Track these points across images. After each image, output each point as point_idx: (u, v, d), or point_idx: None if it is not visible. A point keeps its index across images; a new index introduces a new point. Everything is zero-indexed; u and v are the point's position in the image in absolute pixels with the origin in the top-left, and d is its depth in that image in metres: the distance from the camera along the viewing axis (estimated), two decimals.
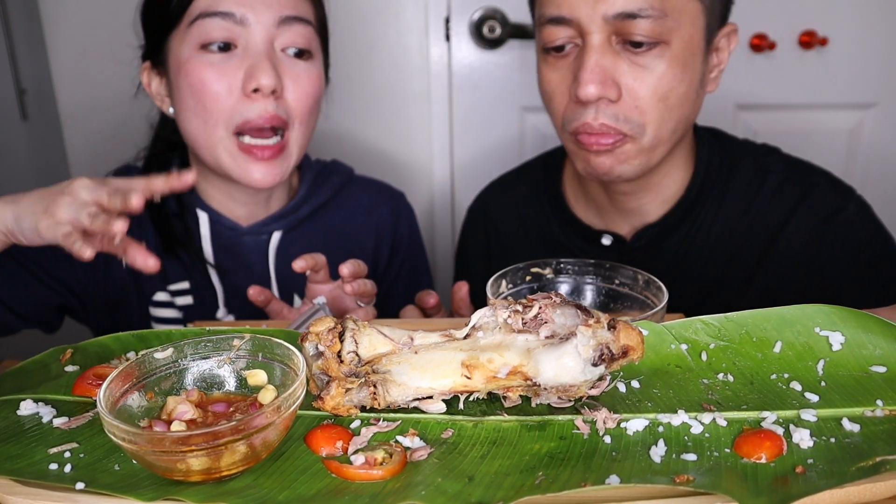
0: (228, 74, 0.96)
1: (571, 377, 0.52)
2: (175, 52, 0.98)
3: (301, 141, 1.03)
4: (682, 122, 0.94)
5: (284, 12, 0.97)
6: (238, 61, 0.96)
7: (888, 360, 0.57)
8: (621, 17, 0.85)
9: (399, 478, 0.48)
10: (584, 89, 0.88)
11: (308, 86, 1.00)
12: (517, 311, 0.56)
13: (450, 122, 1.88)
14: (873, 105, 1.78)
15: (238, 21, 0.95)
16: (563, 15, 0.88)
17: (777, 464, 0.48)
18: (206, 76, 0.96)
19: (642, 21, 0.85)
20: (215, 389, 0.56)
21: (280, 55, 0.98)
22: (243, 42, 0.96)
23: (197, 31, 0.96)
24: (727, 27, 0.96)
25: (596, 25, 0.86)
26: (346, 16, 1.79)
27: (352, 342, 0.56)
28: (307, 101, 1.00)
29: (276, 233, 1.10)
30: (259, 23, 0.96)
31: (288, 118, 0.99)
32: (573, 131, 0.93)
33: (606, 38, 0.87)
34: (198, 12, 0.95)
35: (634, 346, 0.52)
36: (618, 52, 0.88)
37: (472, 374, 0.54)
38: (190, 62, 0.96)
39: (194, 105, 0.98)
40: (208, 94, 0.96)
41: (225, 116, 0.97)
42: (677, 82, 0.89)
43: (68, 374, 0.62)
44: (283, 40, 0.98)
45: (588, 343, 0.52)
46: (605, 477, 0.46)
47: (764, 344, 0.59)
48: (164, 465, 0.46)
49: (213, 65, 0.96)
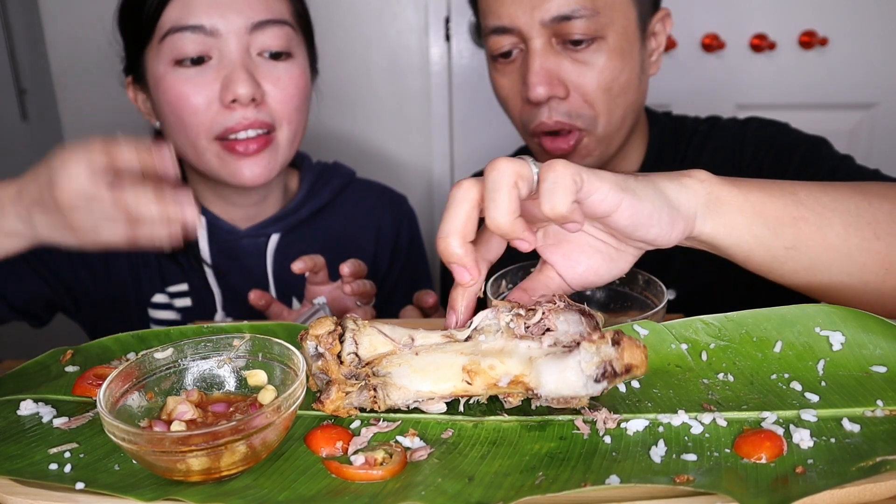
0: (205, 87, 0.94)
1: (573, 391, 0.52)
2: (151, 69, 0.97)
3: (290, 137, 1.02)
4: (630, 108, 1.00)
5: (256, 17, 0.95)
6: (214, 73, 0.95)
7: (888, 360, 0.57)
8: (557, 20, 0.91)
9: (399, 478, 0.48)
10: (533, 91, 0.94)
11: (290, 86, 0.99)
12: (520, 314, 0.56)
13: (450, 122, 1.88)
14: (873, 105, 1.78)
15: (209, 33, 0.93)
16: (504, 24, 0.94)
17: (777, 464, 0.48)
18: (182, 91, 0.94)
19: (577, 21, 0.91)
20: (215, 389, 0.56)
21: (257, 59, 0.97)
22: (217, 53, 0.94)
23: (169, 47, 0.94)
24: (661, 12, 1.02)
25: (535, 31, 0.92)
26: (346, 16, 1.79)
27: (352, 343, 0.56)
28: (291, 102, 0.99)
29: (275, 235, 1.10)
30: (231, 31, 0.94)
31: (272, 121, 0.98)
32: (532, 132, 1.00)
33: (547, 41, 0.93)
34: (167, 27, 0.94)
35: (638, 364, 0.52)
36: (559, 52, 0.94)
37: (473, 380, 0.53)
38: (166, 79, 0.95)
39: (174, 120, 0.97)
40: (187, 109, 0.95)
41: (205, 128, 0.96)
42: (618, 72, 0.96)
43: (68, 375, 0.62)
44: (258, 45, 0.96)
45: (591, 360, 0.51)
46: (605, 477, 0.46)
47: (764, 344, 0.59)
48: (164, 465, 0.46)
49: (189, 79, 0.94)
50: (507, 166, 0.52)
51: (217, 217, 1.08)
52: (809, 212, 0.61)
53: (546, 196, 0.52)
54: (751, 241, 0.61)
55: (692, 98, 1.76)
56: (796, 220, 0.60)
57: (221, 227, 1.08)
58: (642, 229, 0.56)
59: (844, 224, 0.61)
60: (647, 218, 0.56)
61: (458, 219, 0.54)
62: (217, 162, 0.98)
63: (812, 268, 0.62)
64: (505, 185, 0.52)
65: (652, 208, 0.56)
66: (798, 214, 0.60)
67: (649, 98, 1.08)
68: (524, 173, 0.53)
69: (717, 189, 0.59)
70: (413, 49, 1.83)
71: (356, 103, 1.87)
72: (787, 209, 0.60)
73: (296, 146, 1.05)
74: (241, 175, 0.98)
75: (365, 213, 1.19)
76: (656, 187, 0.57)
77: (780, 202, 0.60)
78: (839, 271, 0.62)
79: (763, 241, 0.61)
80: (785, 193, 0.61)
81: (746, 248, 0.61)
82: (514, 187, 0.52)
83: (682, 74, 1.78)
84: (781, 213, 0.60)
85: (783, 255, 0.61)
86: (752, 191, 0.60)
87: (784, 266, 0.62)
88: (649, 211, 0.56)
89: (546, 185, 0.52)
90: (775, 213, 0.60)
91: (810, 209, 0.61)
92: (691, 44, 1.78)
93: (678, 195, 0.58)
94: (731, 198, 0.59)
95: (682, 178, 0.59)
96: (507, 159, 0.53)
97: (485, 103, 1.79)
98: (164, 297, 1.08)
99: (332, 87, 1.12)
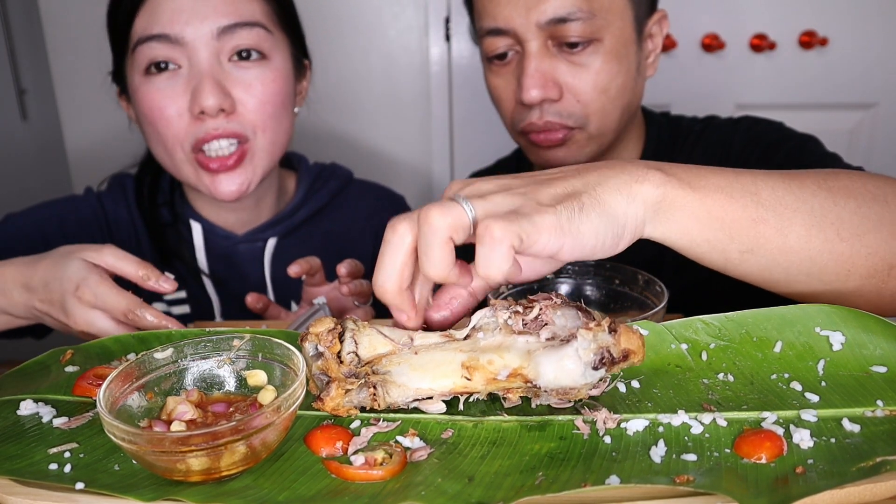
0: (176, 97, 0.93)
1: (571, 380, 0.52)
2: (130, 79, 0.97)
3: (268, 146, 0.99)
4: (626, 110, 1.00)
5: (222, 21, 0.93)
6: (184, 82, 0.93)
7: (888, 360, 0.57)
8: (553, 22, 0.91)
9: (399, 478, 0.48)
10: (527, 94, 0.94)
11: (263, 92, 0.96)
12: (518, 311, 0.56)
13: (450, 122, 1.88)
14: (873, 105, 1.78)
15: (175, 41, 0.92)
16: (499, 26, 0.94)
17: (777, 464, 0.48)
18: (154, 101, 0.94)
19: (573, 24, 0.91)
20: (215, 389, 0.56)
21: (228, 65, 0.94)
22: (186, 61, 0.93)
23: (139, 57, 0.93)
24: (657, 14, 1.02)
25: (531, 33, 0.92)
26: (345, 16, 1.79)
27: (351, 342, 0.56)
28: (264, 108, 0.96)
29: (272, 239, 1.09)
30: (197, 39, 0.92)
31: (244, 130, 0.96)
32: (521, 130, 1.00)
33: (543, 43, 0.93)
34: (136, 38, 0.93)
35: (635, 350, 0.52)
36: (555, 54, 0.94)
37: (472, 376, 0.54)
38: (140, 89, 0.95)
39: (151, 131, 0.97)
40: (161, 120, 0.94)
41: (179, 140, 0.95)
42: (614, 74, 0.95)
43: (68, 375, 0.62)
44: (228, 50, 0.94)
45: (588, 346, 0.52)
46: (605, 477, 0.46)
47: (764, 344, 0.59)
48: (164, 465, 0.46)
49: (160, 90, 0.93)
50: (439, 220, 0.51)
51: (213, 224, 1.08)
52: (770, 213, 0.59)
53: (481, 263, 0.51)
54: (703, 245, 0.59)
55: (692, 98, 1.76)
56: (755, 223, 0.58)
57: (218, 234, 1.08)
58: (584, 257, 0.56)
59: (806, 225, 0.59)
60: (589, 250, 0.55)
61: (393, 268, 0.54)
62: (193, 175, 0.97)
63: (769, 269, 0.61)
64: (438, 241, 0.51)
65: (595, 242, 0.55)
66: (757, 216, 0.58)
67: (649, 98, 1.08)
68: (460, 224, 0.52)
69: (671, 194, 0.57)
70: (413, 49, 1.83)
71: (355, 103, 1.87)
72: (747, 211, 0.58)
73: (277, 153, 1.02)
74: (218, 190, 0.97)
75: (362, 214, 1.19)
76: (602, 208, 0.55)
77: (740, 204, 0.58)
78: (798, 272, 0.61)
79: (716, 245, 0.59)
80: (746, 193, 0.59)
81: (699, 251, 0.60)
82: (447, 242, 0.52)
83: (681, 74, 1.78)
84: (740, 215, 0.58)
85: (738, 258, 0.60)
86: (710, 194, 0.58)
87: (738, 267, 0.61)
88: (591, 245, 0.55)
89: (482, 250, 0.51)
90: (733, 216, 0.58)
91: (771, 210, 0.59)
92: (691, 44, 1.78)
93: (626, 208, 0.56)
94: (685, 203, 0.57)
95: (632, 187, 0.57)
96: (440, 210, 0.51)
97: (485, 103, 1.79)
98: (162, 305, 1.07)
99: (331, 87, 1.12)
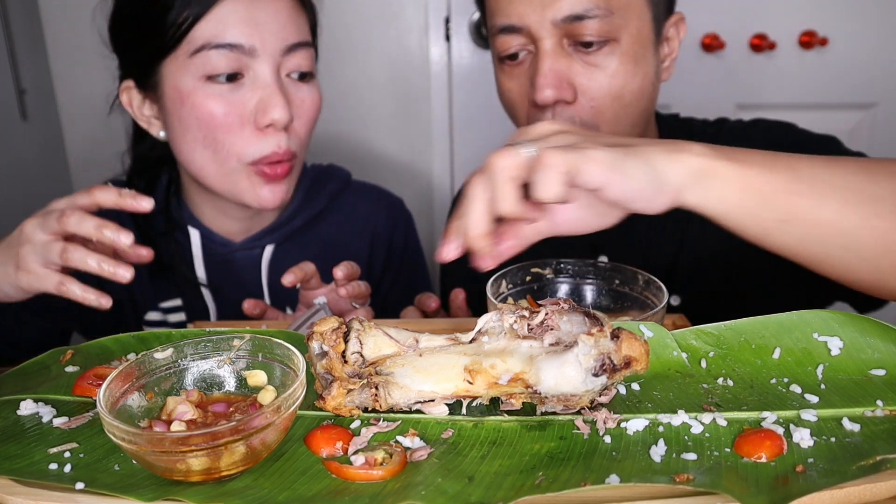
0: (238, 106, 0.93)
1: (572, 387, 0.52)
2: (172, 81, 0.94)
3: (303, 160, 1.04)
4: (640, 117, 0.97)
5: (291, 40, 0.94)
6: (248, 92, 0.93)
7: (887, 363, 0.57)
8: (569, 19, 0.88)
9: (399, 478, 0.48)
10: (541, 93, 0.91)
11: (311, 109, 0.99)
12: (523, 316, 0.56)
13: (450, 122, 1.88)
14: (873, 105, 1.78)
15: (246, 52, 0.91)
16: (513, 23, 0.91)
17: (777, 463, 0.48)
18: (215, 109, 0.92)
19: (590, 21, 0.88)
20: (215, 390, 0.56)
21: (286, 80, 0.96)
22: (251, 72, 0.93)
23: (201, 62, 0.91)
24: (674, 16, 0.99)
25: (546, 31, 0.89)
26: (345, 16, 1.79)
27: (356, 343, 0.56)
28: (309, 125, 1.00)
29: (269, 246, 1.08)
30: (267, 53, 0.92)
31: (296, 147, 0.98)
32: None
33: (558, 42, 0.90)
34: (201, 42, 0.91)
35: (637, 358, 0.51)
36: (570, 54, 0.91)
37: (475, 380, 0.53)
38: (196, 94, 0.92)
39: (203, 137, 0.94)
40: (219, 128, 0.93)
41: (237, 149, 0.94)
42: (630, 77, 0.92)
43: (68, 375, 0.62)
44: (288, 67, 0.95)
45: (589, 352, 0.51)
46: (605, 477, 0.46)
47: (763, 351, 0.60)
48: (164, 465, 0.46)
49: (221, 96, 0.92)
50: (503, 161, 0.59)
51: (211, 231, 1.07)
52: (806, 186, 0.61)
53: (538, 186, 0.58)
54: (740, 214, 0.62)
55: (692, 98, 1.76)
56: (791, 194, 0.61)
57: (216, 241, 1.07)
58: (626, 203, 0.61)
59: (842, 200, 0.61)
60: (631, 195, 0.60)
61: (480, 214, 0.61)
62: (246, 183, 0.97)
63: (805, 240, 0.62)
64: (504, 178, 0.59)
65: (638, 187, 0.59)
66: (794, 189, 0.61)
67: None
68: (523, 162, 0.59)
69: (712, 163, 0.60)
70: (413, 49, 1.83)
71: (355, 104, 1.87)
72: (784, 184, 0.61)
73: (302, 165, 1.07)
74: (264, 197, 0.97)
75: (360, 218, 1.18)
76: (648, 161, 0.60)
77: (779, 176, 0.61)
78: (834, 245, 0.62)
79: (753, 213, 0.61)
80: (785, 168, 0.61)
81: (736, 219, 0.62)
82: (513, 180, 0.59)
83: (682, 74, 1.77)
84: (777, 186, 0.61)
85: (774, 227, 0.62)
86: (750, 166, 0.61)
87: (776, 238, 0.63)
88: (635, 190, 0.59)
89: (539, 175, 0.58)
90: (771, 187, 0.61)
91: (807, 184, 0.61)
92: (691, 44, 1.78)
93: (668, 168, 0.60)
94: (725, 172, 0.61)
95: (676, 152, 0.61)
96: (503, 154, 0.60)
97: (485, 103, 1.79)
98: (158, 314, 1.07)
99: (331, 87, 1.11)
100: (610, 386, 0.54)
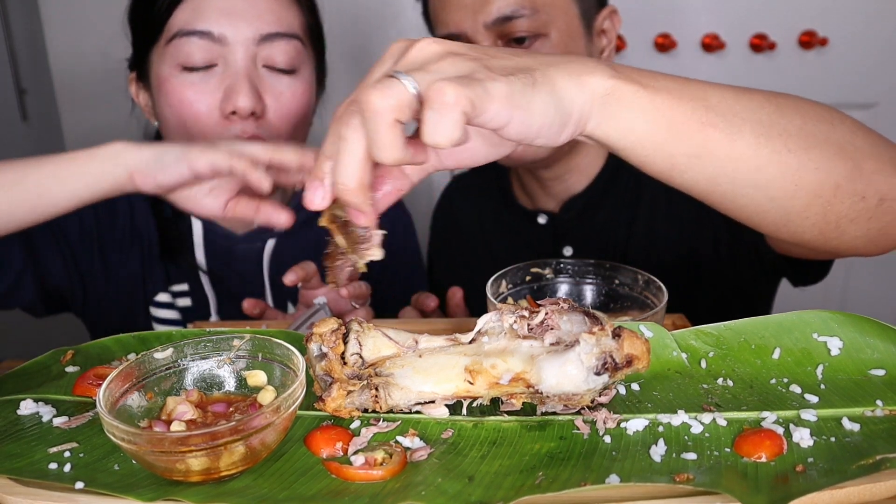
0: (208, 94, 0.93)
1: (574, 386, 0.52)
2: (156, 69, 0.96)
3: None
4: None
5: (266, 29, 0.94)
6: (218, 80, 0.93)
7: (886, 363, 0.57)
8: (499, 21, 0.95)
9: (399, 478, 0.48)
10: None
11: (290, 102, 0.97)
12: (523, 316, 0.56)
13: None
14: (873, 105, 1.78)
15: (217, 39, 0.92)
16: (452, 31, 0.98)
17: (777, 463, 0.48)
18: (185, 97, 0.93)
19: (518, 21, 0.95)
20: (215, 390, 0.56)
21: (263, 71, 0.95)
22: (223, 61, 0.93)
23: (175, 50, 0.93)
24: (606, 9, 1.04)
25: (480, 34, 0.97)
26: (345, 17, 1.79)
27: (356, 344, 0.56)
28: (289, 118, 0.97)
29: (271, 240, 1.09)
30: (239, 41, 0.92)
31: (268, 136, 0.96)
32: None
33: (493, 42, 0.97)
34: (175, 29, 0.92)
35: (639, 356, 0.51)
36: None
37: (475, 380, 0.53)
38: (169, 81, 0.94)
39: (176, 124, 0.96)
40: (188, 115, 0.94)
41: (205, 136, 0.94)
42: None
43: (68, 375, 0.62)
44: (265, 56, 0.95)
45: (591, 351, 0.51)
46: (605, 476, 0.46)
47: (763, 351, 0.60)
48: (164, 465, 0.46)
49: (192, 84, 0.93)
50: (381, 102, 0.47)
51: (213, 223, 1.08)
52: (720, 118, 0.56)
53: (429, 128, 0.47)
54: (648, 147, 0.56)
55: None
56: (704, 126, 0.56)
57: (218, 232, 1.08)
58: (528, 140, 0.54)
59: (755, 134, 0.57)
60: (536, 131, 0.53)
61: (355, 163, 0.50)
62: None
63: (715, 178, 0.58)
64: (384, 125, 0.48)
65: (542, 121, 0.52)
66: (707, 120, 0.56)
67: None
68: (404, 102, 0.48)
69: (620, 88, 0.54)
70: None
71: None
72: (696, 114, 0.56)
73: None
74: None
75: None
76: (552, 88, 0.52)
77: (689, 106, 0.56)
78: (744, 183, 0.59)
79: (663, 147, 0.56)
80: (695, 98, 0.57)
81: (643, 153, 0.57)
82: (394, 125, 0.48)
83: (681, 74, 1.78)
84: (689, 117, 0.56)
85: (684, 162, 0.57)
86: (659, 93, 0.55)
87: (684, 174, 0.59)
88: (538, 125, 0.52)
89: (432, 115, 0.47)
90: (682, 118, 0.55)
91: (721, 115, 0.56)
92: (691, 44, 1.78)
93: (573, 96, 0.53)
94: (633, 98, 0.55)
95: (583, 76, 0.54)
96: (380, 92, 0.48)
97: None
98: (167, 296, 1.07)
99: (330, 87, 1.11)
100: (610, 385, 0.54)
